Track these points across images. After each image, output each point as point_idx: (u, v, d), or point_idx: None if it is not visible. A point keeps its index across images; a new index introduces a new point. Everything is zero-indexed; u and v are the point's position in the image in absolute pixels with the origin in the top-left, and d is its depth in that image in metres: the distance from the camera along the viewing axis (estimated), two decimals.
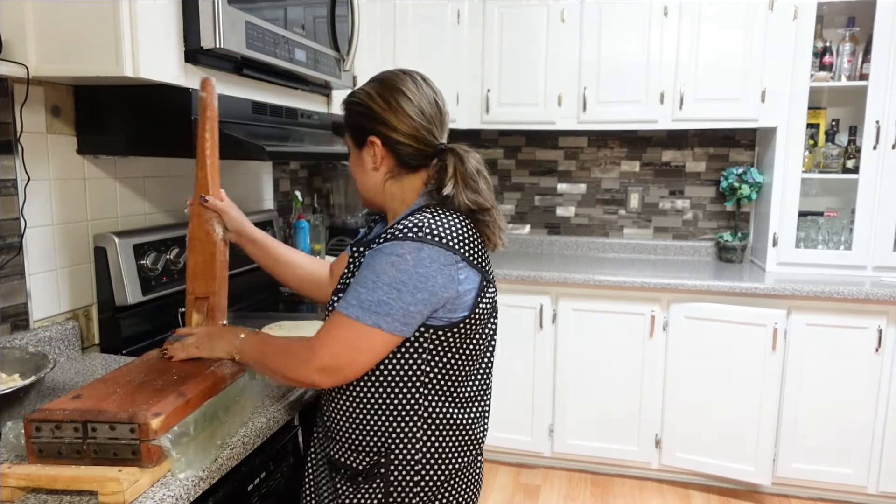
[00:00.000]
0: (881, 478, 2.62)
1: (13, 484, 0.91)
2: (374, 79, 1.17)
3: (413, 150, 1.14)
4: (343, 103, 1.19)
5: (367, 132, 1.14)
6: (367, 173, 1.18)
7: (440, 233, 1.06)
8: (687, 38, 2.83)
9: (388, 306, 1.03)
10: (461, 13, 3.02)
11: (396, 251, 1.04)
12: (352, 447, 1.14)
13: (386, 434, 1.12)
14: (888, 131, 2.64)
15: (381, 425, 1.12)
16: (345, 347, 1.05)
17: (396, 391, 1.10)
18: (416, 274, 1.03)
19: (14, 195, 1.42)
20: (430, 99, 1.15)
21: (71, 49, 1.28)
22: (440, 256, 1.05)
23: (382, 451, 1.12)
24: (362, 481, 1.14)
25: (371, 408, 1.11)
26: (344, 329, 1.05)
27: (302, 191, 2.85)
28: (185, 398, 1.02)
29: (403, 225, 1.07)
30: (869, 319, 2.55)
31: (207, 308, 1.32)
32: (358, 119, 1.16)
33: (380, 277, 1.04)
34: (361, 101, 1.15)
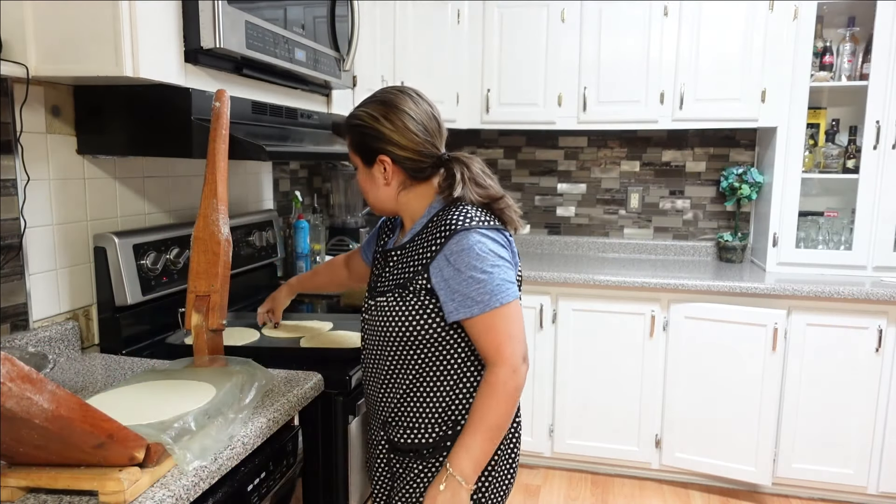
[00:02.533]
0: (881, 478, 2.62)
1: (13, 484, 0.91)
2: (375, 100, 1.24)
3: (420, 163, 1.24)
4: (349, 126, 1.26)
5: (377, 152, 1.23)
6: (379, 188, 1.27)
7: (484, 219, 1.20)
8: (687, 38, 2.83)
9: (505, 283, 1.16)
10: (461, 13, 3.02)
11: (472, 240, 1.16)
12: (422, 427, 1.24)
13: (455, 407, 1.23)
14: (888, 131, 2.64)
15: (451, 400, 1.23)
16: (517, 329, 1.17)
17: (458, 364, 1.22)
18: (495, 250, 1.17)
19: (14, 195, 1.42)
20: (429, 114, 1.25)
21: (71, 49, 1.28)
22: (496, 235, 1.20)
23: (451, 423, 1.23)
24: (429, 455, 1.24)
25: (441, 386, 1.23)
26: (500, 320, 1.15)
27: (302, 191, 2.85)
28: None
29: (450, 222, 1.18)
30: (869, 319, 2.54)
31: (207, 307, 1.32)
32: (366, 140, 1.23)
33: (481, 265, 1.15)
34: (368, 124, 1.22)
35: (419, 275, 1.20)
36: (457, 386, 1.23)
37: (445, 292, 1.17)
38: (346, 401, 1.49)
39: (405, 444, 1.26)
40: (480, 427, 1.15)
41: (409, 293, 1.21)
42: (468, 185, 1.23)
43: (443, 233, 1.18)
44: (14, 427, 0.81)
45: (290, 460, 1.37)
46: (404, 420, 1.26)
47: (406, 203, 1.28)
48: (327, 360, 1.57)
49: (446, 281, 1.17)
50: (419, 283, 1.20)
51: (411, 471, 1.26)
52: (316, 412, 1.48)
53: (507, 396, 1.15)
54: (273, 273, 2.36)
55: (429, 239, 1.21)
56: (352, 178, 2.97)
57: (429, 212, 1.26)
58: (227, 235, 1.35)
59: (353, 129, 1.25)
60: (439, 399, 1.23)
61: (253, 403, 1.18)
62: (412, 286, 1.21)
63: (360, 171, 1.29)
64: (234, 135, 1.43)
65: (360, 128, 1.24)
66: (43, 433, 0.83)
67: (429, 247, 1.20)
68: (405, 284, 1.22)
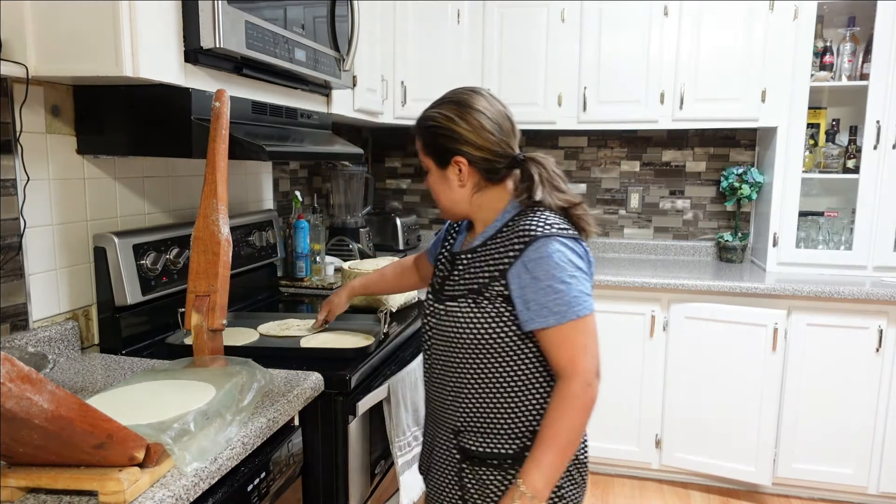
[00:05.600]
0: (881, 478, 2.62)
1: (13, 484, 0.91)
2: (448, 100, 1.22)
3: (495, 164, 1.21)
4: (422, 128, 1.24)
5: (453, 153, 1.21)
6: (454, 190, 1.25)
7: (563, 227, 1.18)
8: (687, 37, 2.82)
9: (582, 294, 1.14)
10: (461, 13, 3.02)
11: (551, 248, 1.14)
12: (498, 436, 1.21)
13: (532, 417, 1.21)
14: (888, 131, 2.64)
15: (527, 409, 1.20)
16: (592, 343, 1.15)
17: (534, 373, 1.20)
18: (573, 261, 1.15)
19: (14, 195, 1.42)
20: (503, 113, 1.23)
21: (70, 49, 1.28)
22: (575, 245, 1.18)
23: (528, 434, 1.21)
24: (509, 466, 1.21)
25: (518, 394, 1.20)
26: (576, 332, 1.14)
27: (302, 191, 2.85)
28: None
29: (530, 228, 1.16)
30: (869, 319, 2.54)
31: (207, 307, 1.32)
32: (442, 141, 1.21)
33: (560, 275, 1.13)
34: (443, 125, 1.21)
35: (496, 281, 1.18)
36: (533, 396, 1.21)
37: (522, 300, 1.15)
38: (346, 401, 1.49)
39: (482, 453, 1.22)
40: (552, 442, 1.12)
41: (483, 299, 1.19)
42: (546, 187, 1.21)
43: (522, 239, 1.16)
44: (14, 427, 0.80)
45: (290, 460, 1.37)
46: (480, 428, 1.23)
47: (480, 205, 1.25)
48: (327, 360, 1.57)
49: (523, 289, 1.15)
50: (495, 290, 1.18)
51: (487, 481, 1.22)
52: (316, 412, 1.48)
53: (580, 410, 1.12)
54: (273, 273, 2.36)
55: (505, 244, 1.18)
56: (352, 178, 2.97)
57: (503, 215, 1.24)
58: (227, 235, 1.35)
59: (427, 130, 1.23)
60: (516, 408, 1.21)
61: (253, 404, 1.18)
62: (488, 292, 1.18)
63: (432, 173, 1.26)
64: (234, 135, 1.43)
65: (434, 129, 1.22)
66: (43, 433, 0.83)
67: (506, 252, 1.17)
68: (480, 290, 1.19)
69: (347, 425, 1.50)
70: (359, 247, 2.90)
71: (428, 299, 1.33)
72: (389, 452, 1.76)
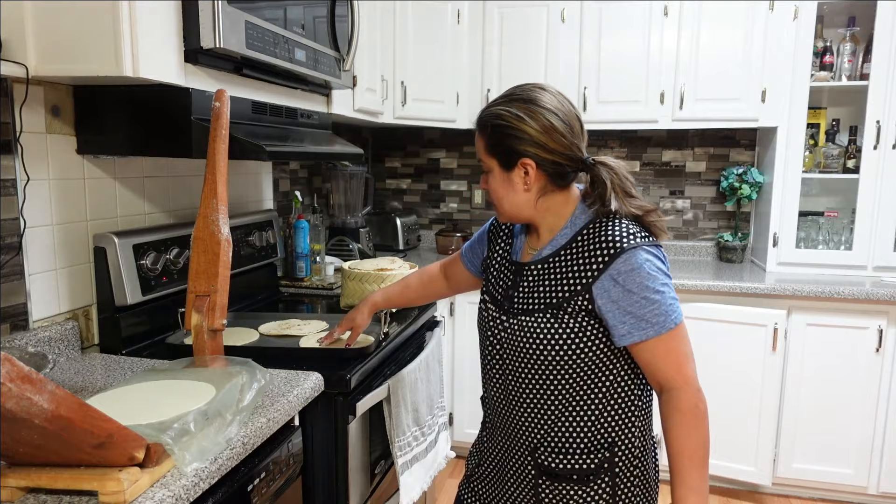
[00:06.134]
0: (881, 478, 2.62)
1: (13, 484, 0.91)
2: (516, 97, 1.14)
3: (564, 168, 1.14)
4: (488, 126, 1.16)
5: (520, 155, 1.13)
6: (518, 194, 1.17)
7: (643, 234, 1.13)
8: (687, 37, 2.83)
9: (674, 301, 1.12)
10: (461, 13, 3.02)
11: (640, 259, 1.09)
12: (579, 451, 1.18)
13: (612, 430, 1.18)
14: (888, 131, 2.64)
15: (608, 423, 1.18)
16: (690, 352, 1.14)
17: (615, 387, 1.17)
18: (662, 269, 1.12)
19: (14, 195, 1.42)
20: (573, 114, 1.16)
21: (70, 49, 1.28)
22: (659, 253, 1.14)
23: (607, 447, 1.18)
24: (589, 480, 1.18)
25: (599, 408, 1.17)
26: (676, 341, 1.11)
27: (302, 191, 2.85)
28: None
29: (613, 239, 1.11)
30: (869, 319, 2.54)
31: (207, 307, 1.32)
32: (508, 141, 1.13)
33: (653, 285, 1.09)
34: (511, 124, 1.12)
35: (578, 295, 1.12)
36: (613, 409, 1.18)
37: (615, 315, 1.10)
38: (346, 401, 1.49)
39: (562, 470, 1.19)
40: (694, 458, 1.09)
41: (565, 314, 1.13)
42: (619, 193, 1.14)
43: (605, 250, 1.11)
44: (14, 427, 0.80)
45: (290, 460, 1.37)
46: (559, 444, 1.19)
47: (545, 211, 1.18)
48: (327, 360, 1.57)
49: (615, 303, 1.10)
50: (578, 304, 1.12)
51: (564, 497, 1.19)
52: (316, 412, 1.48)
53: (704, 419, 1.10)
54: (273, 273, 2.36)
55: (586, 256, 1.13)
56: (352, 178, 2.97)
57: (573, 222, 1.17)
58: (227, 235, 1.35)
59: (494, 129, 1.14)
60: (596, 423, 1.17)
61: (253, 404, 1.18)
62: (570, 307, 1.13)
63: (494, 174, 1.18)
64: (234, 135, 1.43)
65: (502, 128, 1.13)
66: (43, 433, 0.83)
67: (587, 265, 1.12)
68: (560, 304, 1.14)
69: (347, 425, 1.50)
70: (359, 247, 2.90)
71: (489, 310, 1.26)
72: (389, 452, 1.76)
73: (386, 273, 2.00)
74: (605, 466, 1.18)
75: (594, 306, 1.12)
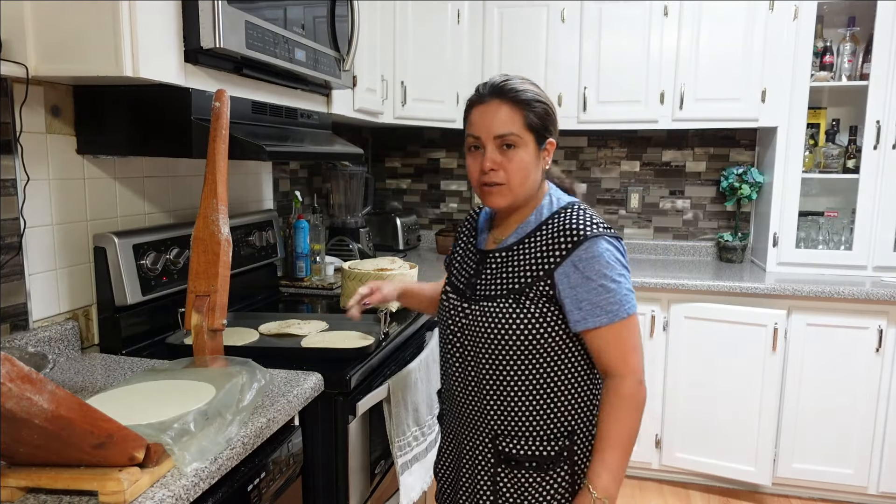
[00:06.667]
0: (881, 478, 2.62)
1: (13, 484, 0.91)
2: (530, 81, 1.22)
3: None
4: (532, 101, 1.18)
5: (550, 134, 1.21)
6: (539, 172, 1.22)
7: (607, 225, 1.19)
8: (687, 37, 2.83)
9: (630, 293, 1.16)
10: (461, 13, 3.02)
11: (601, 247, 1.14)
12: (539, 437, 1.20)
13: (571, 418, 1.21)
14: (888, 131, 2.64)
15: (567, 410, 1.21)
16: (639, 342, 1.18)
17: (575, 374, 1.20)
18: (620, 260, 1.16)
19: (14, 195, 1.42)
20: None
21: (71, 49, 1.28)
22: (619, 244, 1.19)
23: (567, 434, 1.21)
24: (549, 468, 1.20)
25: (559, 395, 1.20)
26: (627, 331, 1.15)
27: (302, 191, 2.85)
28: None
29: (576, 227, 1.16)
30: (869, 319, 2.54)
31: (207, 307, 1.32)
32: (545, 121, 1.19)
33: (611, 274, 1.14)
34: (549, 107, 1.21)
35: (540, 280, 1.16)
36: (573, 396, 1.21)
37: (572, 300, 1.14)
38: (346, 401, 1.49)
39: (521, 456, 1.21)
40: (617, 443, 1.13)
41: (526, 299, 1.16)
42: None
43: (569, 238, 1.15)
44: (14, 427, 0.80)
45: (290, 460, 1.37)
46: (519, 431, 1.21)
47: (539, 195, 1.25)
48: (327, 360, 1.57)
49: (573, 289, 1.14)
50: (539, 290, 1.16)
51: (526, 484, 1.21)
52: (316, 412, 1.48)
53: (637, 409, 1.14)
54: (273, 273, 2.36)
55: (549, 243, 1.17)
56: (352, 178, 2.97)
57: (538, 213, 1.23)
58: (227, 235, 1.35)
59: (538, 105, 1.19)
60: (556, 409, 1.20)
61: (253, 404, 1.18)
62: (532, 292, 1.16)
63: (524, 150, 1.18)
64: (234, 135, 1.43)
65: (543, 107, 1.19)
66: (43, 433, 0.83)
67: (551, 251, 1.16)
68: (522, 290, 1.17)
69: (347, 425, 1.50)
70: (359, 247, 2.90)
71: (450, 300, 1.29)
72: (389, 452, 1.76)
73: (386, 273, 2.00)
74: (564, 455, 1.20)
75: (555, 292, 1.15)
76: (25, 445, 0.86)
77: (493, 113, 1.17)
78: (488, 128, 1.17)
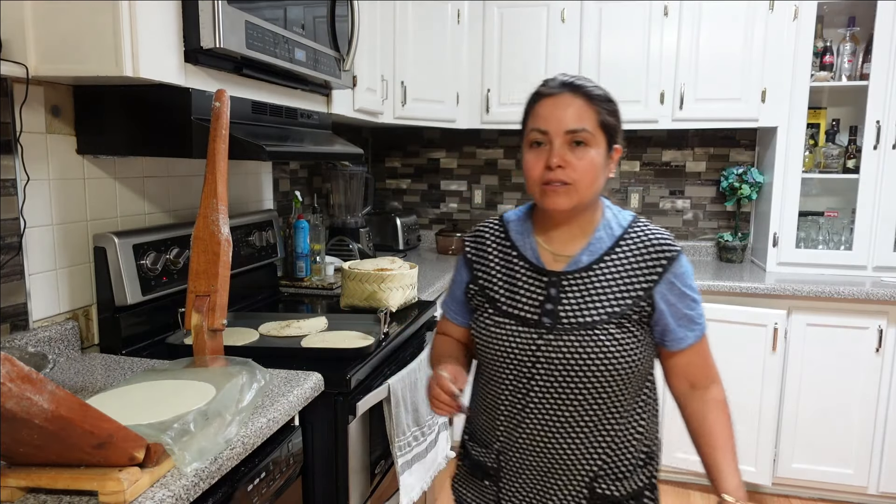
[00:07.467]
0: (881, 478, 2.62)
1: (13, 484, 0.91)
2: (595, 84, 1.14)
3: None
4: (607, 99, 1.12)
5: (616, 139, 1.13)
6: (604, 178, 1.13)
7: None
8: (687, 37, 2.82)
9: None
10: (461, 13, 3.02)
11: (685, 260, 1.13)
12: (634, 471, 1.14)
13: (653, 443, 1.18)
14: (888, 131, 2.64)
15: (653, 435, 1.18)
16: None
17: (653, 395, 1.19)
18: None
19: (14, 195, 1.42)
20: None
21: (71, 49, 1.28)
22: None
23: (654, 462, 1.18)
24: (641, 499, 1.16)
25: (650, 421, 1.17)
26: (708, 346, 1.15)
27: (302, 191, 2.85)
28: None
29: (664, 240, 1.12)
30: (869, 319, 2.54)
31: (207, 307, 1.32)
32: (618, 125, 1.13)
33: (695, 286, 1.13)
34: (619, 112, 1.14)
35: (642, 301, 1.08)
36: (652, 418, 1.17)
37: (671, 319, 1.09)
38: (346, 401, 1.49)
39: (621, 496, 1.11)
40: (732, 445, 1.13)
41: (628, 322, 1.07)
42: None
43: (664, 253, 1.10)
44: (14, 427, 0.80)
45: (290, 460, 1.37)
46: (620, 467, 1.11)
47: (599, 206, 1.16)
48: (327, 360, 1.57)
49: (672, 306, 1.09)
50: (640, 311, 1.08)
51: None
52: (316, 412, 1.48)
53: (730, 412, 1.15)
54: (273, 273, 2.36)
55: (638, 260, 1.09)
56: (352, 178, 2.97)
57: (606, 225, 1.14)
58: (227, 235, 1.35)
59: (611, 105, 1.12)
60: (645, 436, 1.14)
61: (253, 404, 1.18)
62: (633, 314, 1.08)
63: (595, 150, 1.08)
64: (234, 135, 1.43)
65: (615, 107, 1.13)
66: (43, 433, 0.83)
67: (643, 269, 1.09)
68: (623, 313, 1.07)
69: (347, 425, 1.50)
70: (359, 247, 2.90)
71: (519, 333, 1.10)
72: (389, 452, 1.76)
73: (386, 273, 2.00)
74: (651, 482, 1.17)
75: (654, 311, 1.09)
76: (25, 445, 0.86)
77: (565, 106, 1.07)
78: (559, 121, 1.06)
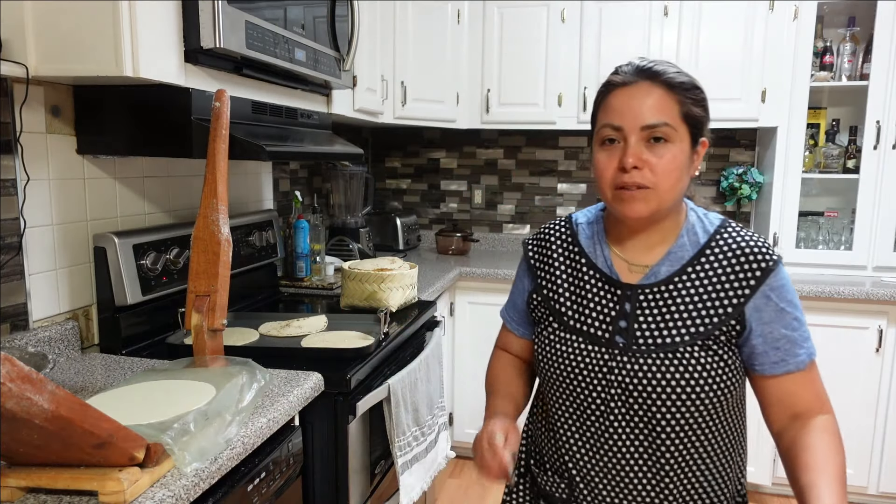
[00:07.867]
0: (881, 478, 2.62)
1: (13, 484, 0.91)
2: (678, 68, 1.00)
3: None
4: (688, 87, 0.97)
5: (703, 133, 0.99)
6: (688, 177, 0.99)
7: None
8: (687, 38, 2.82)
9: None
10: (461, 13, 3.02)
11: (785, 272, 0.97)
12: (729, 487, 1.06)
13: (740, 474, 1.10)
14: (888, 131, 2.64)
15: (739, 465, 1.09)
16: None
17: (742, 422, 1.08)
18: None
19: (14, 195, 1.42)
20: None
21: (71, 49, 1.28)
22: None
23: (738, 496, 1.10)
24: None
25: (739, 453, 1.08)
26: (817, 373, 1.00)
27: (302, 191, 2.85)
28: None
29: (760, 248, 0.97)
30: (869, 319, 2.54)
31: (207, 307, 1.32)
32: (704, 118, 0.98)
33: (798, 303, 0.97)
34: (706, 101, 0.98)
35: (731, 318, 0.95)
36: (742, 448, 1.06)
37: (766, 339, 0.95)
38: (346, 401, 1.49)
39: None
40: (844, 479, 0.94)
41: (714, 344, 0.95)
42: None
43: (757, 263, 0.95)
44: (14, 427, 0.80)
45: (290, 460, 1.37)
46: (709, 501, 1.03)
47: (682, 209, 1.02)
48: (327, 360, 1.57)
49: (767, 325, 0.95)
50: (728, 330, 0.95)
51: None
52: (316, 412, 1.48)
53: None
54: (273, 273, 2.36)
55: (726, 271, 0.96)
56: (352, 178, 2.97)
57: (689, 231, 1.00)
58: (227, 235, 1.35)
59: (697, 93, 0.97)
60: (734, 468, 1.05)
61: (253, 404, 1.18)
62: (721, 334, 0.95)
63: (677, 146, 0.94)
64: (234, 135, 1.43)
65: (702, 94, 0.97)
66: (43, 433, 0.83)
67: (732, 282, 0.95)
68: (709, 333, 0.95)
69: (347, 425, 1.50)
70: (359, 247, 2.90)
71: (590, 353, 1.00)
72: (389, 452, 1.76)
73: (386, 273, 2.00)
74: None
75: (743, 330, 0.96)
76: (25, 445, 0.86)
77: (641, 97, 0.94)
78: (635, 115, 0.93)
